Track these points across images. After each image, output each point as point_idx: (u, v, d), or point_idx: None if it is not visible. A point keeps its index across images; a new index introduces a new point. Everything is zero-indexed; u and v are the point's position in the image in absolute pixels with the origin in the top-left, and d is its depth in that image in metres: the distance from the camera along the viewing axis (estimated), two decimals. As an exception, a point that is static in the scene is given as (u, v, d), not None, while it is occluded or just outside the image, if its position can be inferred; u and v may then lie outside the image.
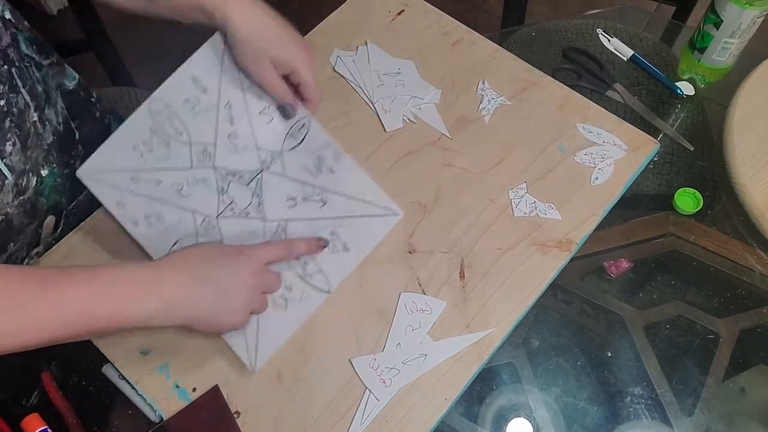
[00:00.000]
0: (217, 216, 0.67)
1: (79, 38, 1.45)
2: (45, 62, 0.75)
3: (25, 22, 0.73)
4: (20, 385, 0.68)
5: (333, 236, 0.67)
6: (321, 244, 0.68)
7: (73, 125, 0.79)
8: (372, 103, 0.82)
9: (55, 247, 0.74)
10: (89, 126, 0.82)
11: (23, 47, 0.72)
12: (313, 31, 0.88)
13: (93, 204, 0.75)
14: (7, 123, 0.65)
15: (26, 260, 0.73)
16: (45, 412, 0.65)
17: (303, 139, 0.70)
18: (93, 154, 0.69)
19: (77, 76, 0.81)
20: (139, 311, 0.56)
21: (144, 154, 0.68)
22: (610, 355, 0.71)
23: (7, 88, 0.65)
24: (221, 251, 0.61)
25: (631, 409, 0.68)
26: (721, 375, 0.69)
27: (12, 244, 0.71)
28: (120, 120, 0.91)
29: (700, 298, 0.75)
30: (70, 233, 0.74)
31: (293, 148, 0.70)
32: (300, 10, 1.62)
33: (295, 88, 0.71)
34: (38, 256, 0.74)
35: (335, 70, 0.85)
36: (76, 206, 0.79)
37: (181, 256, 0.59)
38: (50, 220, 0.75)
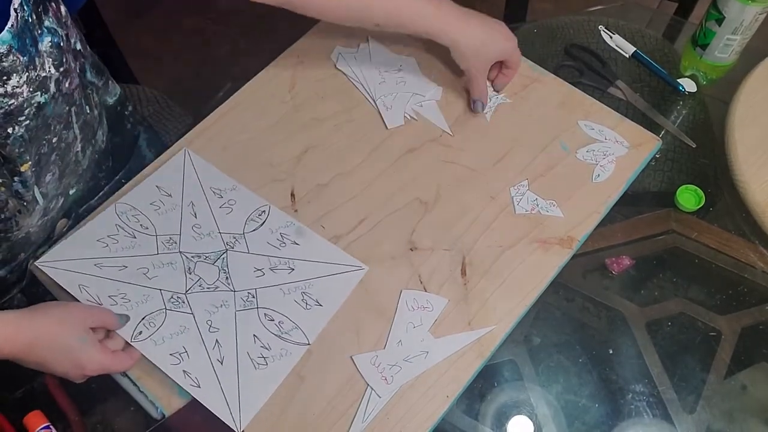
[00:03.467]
0: (186, 292, 0.69)
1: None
2: (100, 83, 0.76)
3: (88, 48, 0.73)
4: (20, 382, 0.69)
5: (305, 295, 0.69)
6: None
7: (108, 139, 0.80)
8: (373, 100, 0.82)
9: (56, 244, 0.74)
10: (120, 137, 0.83)
11: (89, 75, 0.73)
12: (314, 27, 0.88)
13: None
14: (53, 157, 0.67)
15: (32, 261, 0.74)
16: (47, 409, 0.65)
17: (263, 222, 0.73)
18: (55, 247, 0.71)
19: (119, 91, 0.82)
20: None
21: (109, 245, 0.71)
22: (611, 352, 0.71)
23: (62, 126, 0.67)
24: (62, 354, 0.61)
25: (633, 407, 0.68)
26: (722, 372, 0.69)
27: (23, 254, 0.72)
28: (149, 131, 0.91)
29: (702, 296, 0.74)
30: (69, 232, 0.74)
31: (254, 230, 0.73)
32: (301, 7, 1.62)
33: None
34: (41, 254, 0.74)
35: (336, 67, 0.85)
36: (87, 209, 0.79)
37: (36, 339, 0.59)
38: (62, 222, 0.76)
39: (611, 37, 0.94)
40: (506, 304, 0.69)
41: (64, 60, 0.64)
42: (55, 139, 0.66)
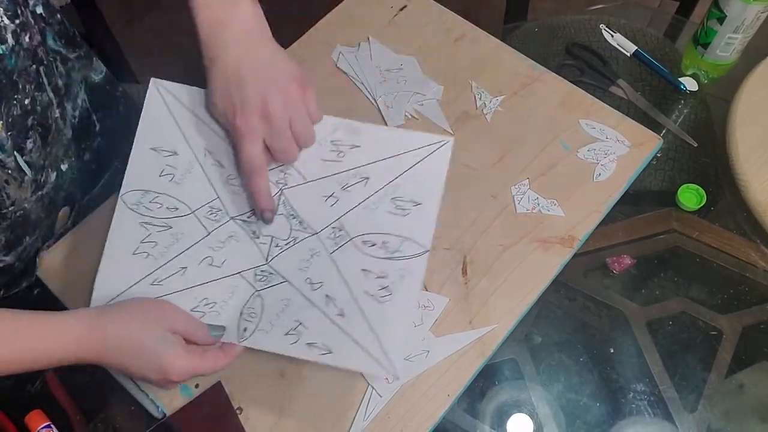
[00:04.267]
0: (268, 261, 0.59)
1: (80, 33, 1.44)
2: (72, 55, 0.75)
3: (57, 16, 0.72)
4: (21, 381, 0.69)
5: (395, 201, 0.58)
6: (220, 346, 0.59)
7: (95, 117, 0.79)
8: (374, 99, 0.82)
9: (61, 240, 0.74)
10: (112, 120, 0.82)
11: (50, 42, 0.72)
12: (315, 26, 0.88)
13: (107, 196, 0.75)
14: (30, 121, 0.64)
15: (40, 252, 0.74)
16: (48, 408, 0.65)
17: None
18: (94, 289, 0.62)
19: (105, 69, 0.81)
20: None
21: (150, 252, 0.60)
22: (612, 351, 0.71)
23: (33, 87, 0.65)
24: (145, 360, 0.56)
25: (634, 406, 0.68)
26: (723, 371, 0.69)
27: (28, 237, 0.71)
28: None
29: (703, 295, 0.74)
30: (75, 227, 0.74)
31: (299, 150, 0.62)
32: (302, 5, 1.62)
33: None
34: (48, 247, 0.74)
35: (337, 66, 0.85)
36: (90, 199, 0.79)
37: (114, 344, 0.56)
38: (64, 211, 0.75)
39: (612, 36, 0.94)
40: (507, 304, 0.69)
41: (20, 12, 0.62)
42: (27, 101, 0.63)
